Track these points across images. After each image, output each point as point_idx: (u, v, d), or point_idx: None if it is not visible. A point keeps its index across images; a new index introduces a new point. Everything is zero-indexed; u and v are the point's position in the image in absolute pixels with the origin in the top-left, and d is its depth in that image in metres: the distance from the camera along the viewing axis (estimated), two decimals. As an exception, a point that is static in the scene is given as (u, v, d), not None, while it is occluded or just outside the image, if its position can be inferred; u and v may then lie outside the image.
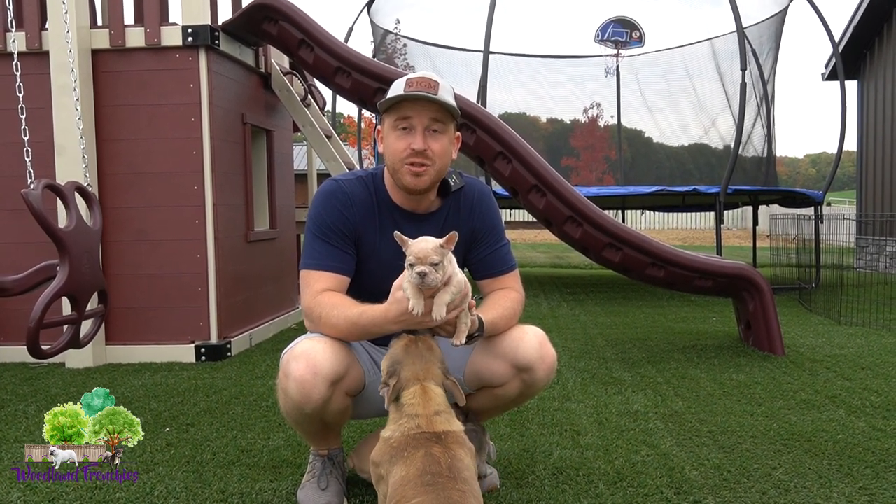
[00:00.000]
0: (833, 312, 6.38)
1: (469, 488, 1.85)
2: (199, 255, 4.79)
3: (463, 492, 1.82)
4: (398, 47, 11.71)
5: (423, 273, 1.93)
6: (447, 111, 2.25)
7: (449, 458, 1.89)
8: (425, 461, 1.87)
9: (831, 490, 2.49)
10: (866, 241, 11.35)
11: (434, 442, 1.93)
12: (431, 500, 1.77)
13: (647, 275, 4.79)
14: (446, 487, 1.81)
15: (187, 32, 4.70)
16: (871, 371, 4.25)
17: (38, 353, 3.25)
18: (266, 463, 2.81)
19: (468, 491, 1.84)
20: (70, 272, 3.26)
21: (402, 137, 2.24)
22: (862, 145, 11.93)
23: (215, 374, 4.36)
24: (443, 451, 1.90)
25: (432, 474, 1.84)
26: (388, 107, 2.25)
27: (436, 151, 2.25)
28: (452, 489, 1.81)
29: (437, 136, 2.25)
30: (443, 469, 1.86)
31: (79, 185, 3.60)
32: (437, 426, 1.96)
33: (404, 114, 2.23)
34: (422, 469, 1.86)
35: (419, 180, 2.26)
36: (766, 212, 13.28)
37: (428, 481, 1.82)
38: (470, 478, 1.89)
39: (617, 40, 10.96)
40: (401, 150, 2.24)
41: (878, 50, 11.32)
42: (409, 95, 2.19)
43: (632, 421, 3.31)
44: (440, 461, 1.87)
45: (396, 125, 2.25)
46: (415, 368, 2.04)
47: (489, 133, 4.88)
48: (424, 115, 2.23)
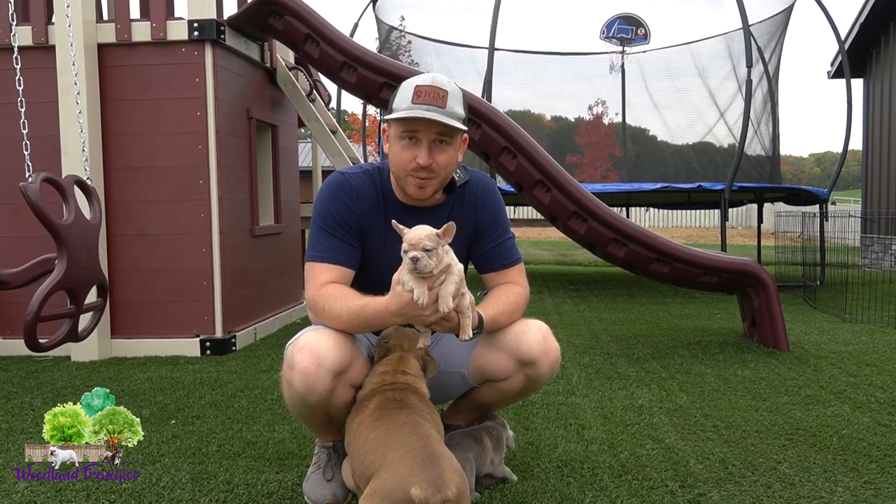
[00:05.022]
0: (838, 310, 6.37)
1: (416, 410, 2.02)
2: (204, 250, 4.80)
3: (409, 413, 1.99)
4: (403, 44, 11.71)
5: (416, 258, 1.93)
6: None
7: (399, 396, 2.07)
8: (378, 402, 2.05)
9: (836, 484, 2.49)
10: (871, 239, 11.33)
11: (390, 389, 2.10)
12: (382, 430, 1.93)
13: (652, 270, 4.78)
14: (393, 414, 1.98)
15: (193, 27, 4.71)
16: (876, 367, 4.25)
17: (36, 346, 3.25)
18: (271, 455, 2.81)
19: (414, 412, 2.00)
20: (68, 266, 3.26)
21: (407, 148, 2.23)
22: (867, 144, 11.89)
23: (220, 367, 4.37)
24: (395, 393, 2.08)
25: (381, 409, 2.02)
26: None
27: (440, 164, 2.24)
28: (400, 413, 1.98)
29: (443, 147, 2.24)
30: (391, 404, 2.03)
31: (78, 179, 3.60)
32: (398, 379, 2.15)
33: (411, 127, 2.21)
34: (372, 409, 2.04)
35: (422, 192, 2.27)
36: (771, 210, 13.25)
37: (377, 416, 2.00)
38: (419, 408, 2.05)
39: (622, 37, 10.94)
40: (406, 161, 2.23)
41: (884, 48, 11.28)
42: (415, 115, 2.15)
43: (636, 415, 3.31)
44: (390, 399, 2.05)
45: (402, 136, 2.23)
46: (400, 341, 2.25)
47: (494, 128, 4.88)
48: (431, 131, 2.21)
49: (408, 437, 1.88)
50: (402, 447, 1.84)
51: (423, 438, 1.88)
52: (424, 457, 1.80)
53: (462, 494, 1.78)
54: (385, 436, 1.91)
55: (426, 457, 1.80)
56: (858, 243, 11.60)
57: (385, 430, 1.93)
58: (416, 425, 1.94)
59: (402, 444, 1.86)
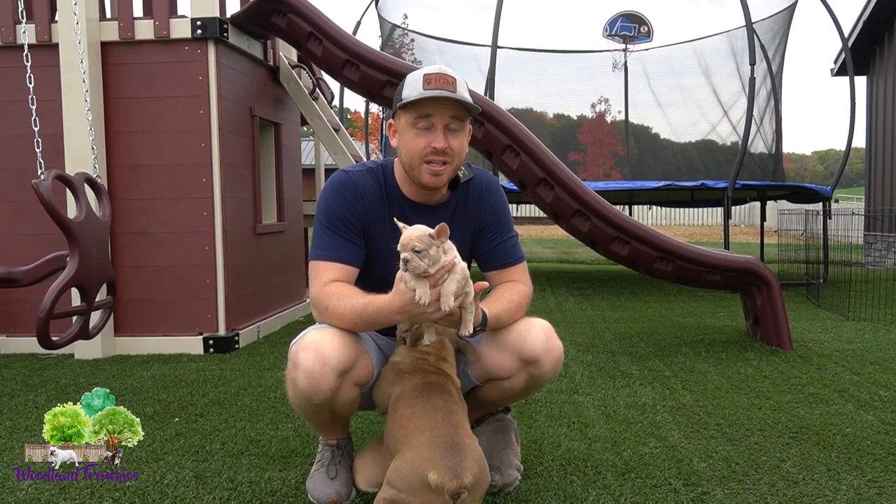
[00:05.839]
0: (841, 308, 6.36)
1: (453, 399, 2.11)
2: (207, 248, 4.80)
3: (446, 400, 2.07)
4: (405, 42, 11.71)
5: (406, 259, 1.94)
6: (465, 108, 2.25)
7: (442, 381, 2.14)
8: (420, 381, 2.13)
9: (840, 482, 2.49)
10: (874, 237, 11.31)
11: (434, 372, 2.17)
12: (418, 409, 2.03)
13: (654, 269, 4.78)
14: (432, 396, 2.07)
15: (196, 25, 4.71)
16: (880, 366, 4.24)
17: (49, 343, 3.26)
18: (275, 453, 2.82)
19: (451, 400, 2.09)
20: (80, 263, 3.27)
21: (421, 135, 2.24)
22: (871, 141, 11.87)
23: (223, 365, 4.38)
24: (438, 377, 2.15)
25: (423, 388, 2.10)
26: (408, 104, 2.24)
27: (455, 149, 2.25)
28: (438, 397, 2.07)
29: (455, 133, 2.26)
30: (434, 387, 2.11)
31: (88, 177, 3.62)
32: (440, 365, 2.20)
33: (425, 112, 2.21)
34: (414, 386, 2.11)
35: (438, 179, 2.27)
36: (774, 208, 13.22)
37: (417, 394, 2.08)
38: (457, 395, 2.16)
39: (625, 35, 10.93)
40: (420, 147, 2.23)
41: (887, 45, 11.25)
42: (431, 94, 2.18)
43: (639, 413, 3.31)
44: (434, 382, 2.13)
45: (416, 123, 2.23)
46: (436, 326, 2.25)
47: (497, 126, 4.87)
48: (445, 114, 2.22)
49: (438, 424, 1.97)
50: (430, 431, 1.95)
51: (453, 427, 1.98)
52: (448, 444, 1.91)
53: (479, 483, 1.89)
54: (419, 416, 2.01)
55: (450, 445, 1.91)
56: (862, 241, 11.58)
57: (420, 410, 2.03)
58: (450, 413, 2.03)
59: (432, 428, 1.96)
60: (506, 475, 2.38)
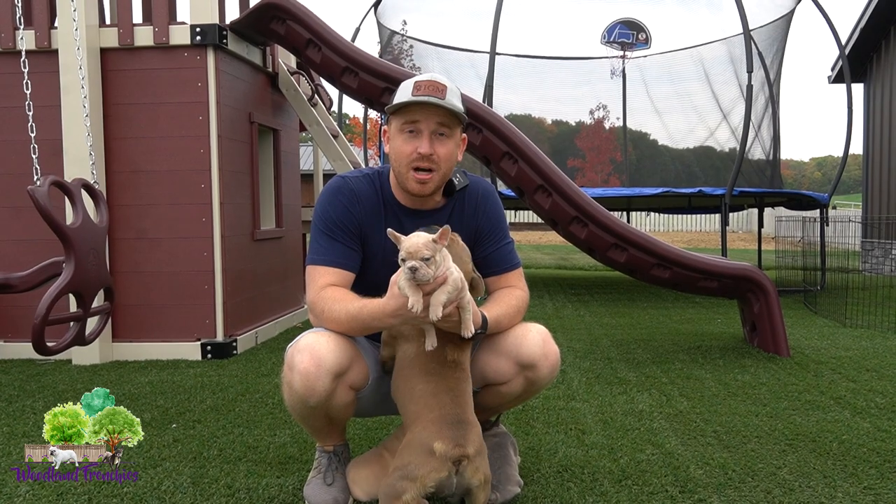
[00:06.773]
0: (838, 315, 6.37)
1: (464, 375, 2.21)
2: (205, 254, 4.81)
3: (458, 378, 2.17)
4: (405, 48, 11.73)
5: (414, 268, 1.94)
6: (454, 116, 2.27)
7: (456, 354, 2.19)
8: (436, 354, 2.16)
9: (836, 490, 2.49)
10: (872, 244, 11.33)
11: (448, 340, 2.18)
12: (429, 388, 2.14)
13: (652, 275, 4.79)
14: (446, 374, 2.16)
15: (195, 31, 4.73)
16: (876, 373, 4.25)
17: (44, 349, 3.26)
18: (272, 459, 2.82)
19: (462, 378, 2.19)
20: (76, 269, 3.26)
21: (408, 141, 2.26)
22: (868, 148, 11.90)
23: (221, 371, 4.38)
24: (454, 348, 2.19)
25: (437, 363, 2.16)
26: (396, 109, 2.27)
27: (441, 156, 2.27)
28: (450, 377, 2.16)
29: (443, 140, 2.28)
30: (449, 363, 2.18)
31: (85, 183, 3.61)
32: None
33: (412, 117, 2.25)
34: (428, 359, 2.17)
35: (424, 187, 2.29)
36: (772, 214, 13.24)
37: (431, 370, 2.16)
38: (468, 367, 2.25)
39: (623, 42, 10.95)
40: (407, 153, 2.26)
41: (884, 53, 11.30)
42: (416, 100, 2.21)
43: (637, 420, 3.31)
44: (447, 353, 2.17)
45: (403, 128, 2.27)
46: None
47: (495, 133, 4.89)
48: (431, 120, 2.25)
49: (447, 404, 2.11)
50: (439, 410, 2.10)
51: (461, 406, 2.13)
52: (454, 420, 2.08)
53: (479, 452, 2.08)
54: (430, 395, 2.13)
55: (456, 420, 2.08)
56: (859, 248, 11.60)
57: (432, 389, 2.14)
58: (459, 393, 2.15)
59: (441, 407, 2.10)
60: (504, 492, 2.37)
